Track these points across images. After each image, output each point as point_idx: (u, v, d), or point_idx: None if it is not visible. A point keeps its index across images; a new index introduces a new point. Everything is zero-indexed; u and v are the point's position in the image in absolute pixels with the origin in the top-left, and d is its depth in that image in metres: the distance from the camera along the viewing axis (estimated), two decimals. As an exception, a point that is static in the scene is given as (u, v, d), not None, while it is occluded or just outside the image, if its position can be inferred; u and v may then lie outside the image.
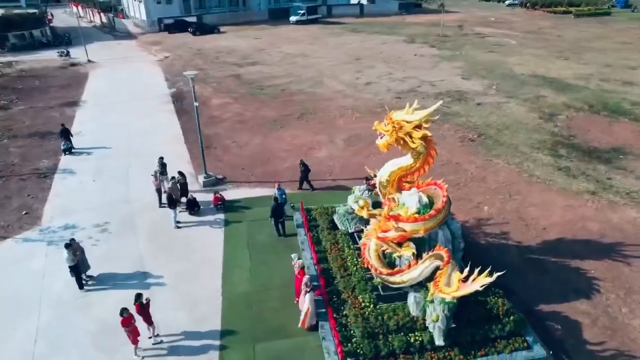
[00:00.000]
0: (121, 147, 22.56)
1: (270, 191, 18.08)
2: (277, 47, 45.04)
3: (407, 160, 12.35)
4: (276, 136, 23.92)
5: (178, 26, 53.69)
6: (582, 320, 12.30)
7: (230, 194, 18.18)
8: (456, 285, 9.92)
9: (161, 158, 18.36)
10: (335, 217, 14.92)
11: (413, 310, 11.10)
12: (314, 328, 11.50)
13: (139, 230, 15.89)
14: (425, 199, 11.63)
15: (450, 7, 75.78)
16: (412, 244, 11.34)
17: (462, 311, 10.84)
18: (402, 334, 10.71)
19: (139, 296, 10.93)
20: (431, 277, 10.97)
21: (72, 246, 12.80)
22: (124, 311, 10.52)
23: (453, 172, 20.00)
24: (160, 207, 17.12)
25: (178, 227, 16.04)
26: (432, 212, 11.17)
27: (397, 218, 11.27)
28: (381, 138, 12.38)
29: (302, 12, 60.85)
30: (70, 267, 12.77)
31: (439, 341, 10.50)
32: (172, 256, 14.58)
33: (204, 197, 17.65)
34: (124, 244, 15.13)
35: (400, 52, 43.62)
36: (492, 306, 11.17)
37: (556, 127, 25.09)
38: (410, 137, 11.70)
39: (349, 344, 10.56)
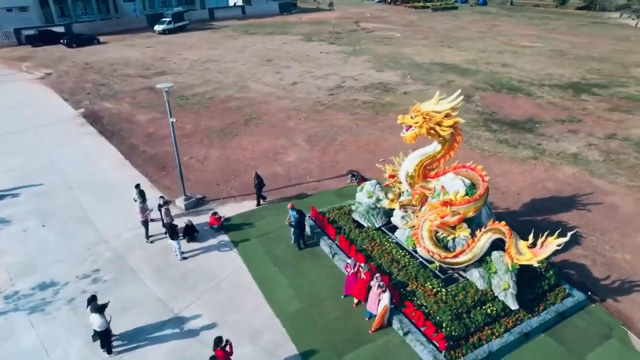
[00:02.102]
0: (55, 181, 18.92)
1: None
2: (176, 54, 41.95)
3: (434, 148, 12.98)
4: (234, 146, 22.60)
5: (44, 38, 46.05)
6: (585, 263, 14.55)
7: (220, 212, 16.74)
8: (528, 252, 10.95)
9: (138, 185, 16.01)
10: (356, 216, 14.92)
11: (480, 284, 11.88)
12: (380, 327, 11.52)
13: (140, 272, 13.72)
14: (467, 181, 12.46)
15: (324, 5, 79.37)
16: (465, 225, 12.08)
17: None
18: (479, 308, 11.40)
19: (219, 340, 9.60)
20: (489, 251, 11.90)
21: (105, 306, 10.57)
22: (219, 342, 9.28)
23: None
24: (147, 241, 14.98)
25: (184, 259, 14.28)
26: (480, 191, 12.03)
27: (451, 203, 11.87)
28: (407, 130, 12.80)
29: (167, 19, 53.33)
30: (99, 332, 10.51)
31: (514, 306, 11.46)
32: (197, 291, 12.98)
33: (189, 220, 15.92)
34: (131, 291, 12.93)
35: (305, 50, 44.40)
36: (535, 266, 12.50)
37: (478, 106, 28.55)
38: (440, 125, 12.35)
39: (439, 330, 10.85)
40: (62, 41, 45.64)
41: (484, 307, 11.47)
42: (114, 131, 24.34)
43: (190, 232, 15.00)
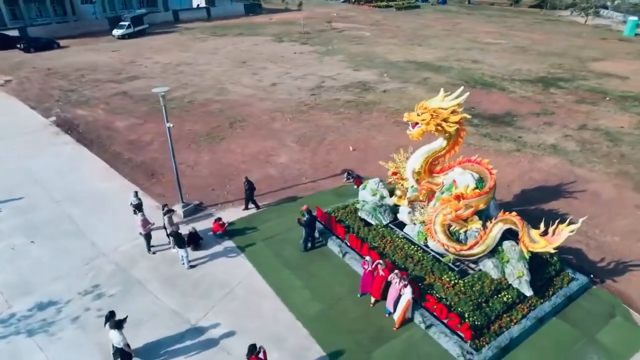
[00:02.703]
0: (37, 194, 17.88)
1: (259, 203, 17.26)
2: (146, 58, 40.58)
3: (439, 144, 13.25)
4: (223, 149, 22.16)
5: (-4, 42, 43.37)
6: (581, 247, 15.32)
7: (221, 217, 16.37)
8: (541, 240, 11.41)
9: (136, 193, 15.39)
10: (362, 214, 15.01)
11: (494, 274, 12.25)
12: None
13: (148, 284, 13.21)
14: (476, 175, 12.82)
15: (292, 6, 79.21)
16: (476, 217, 12.44)
17: (526, 263, 12.45)
18: (495, 296, 11.78)
19: (254, 348, 9.41)
20: (500, 241, 12.31)
21: (123, 322, 10.10)
22: (253, 349, 9.11)
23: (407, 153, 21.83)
24: (149, 252, 14.44)
25: (192, 267, 13.87)
26: (490, 184, 12.41)
27: (464, 196, 12.17)
28: (413, 128, 12.98)
29: (126, 23, 50.03)
30: (119, 349, 10.03)
31: (529, 292, 11.90)
32: (211, 299, 12.65)
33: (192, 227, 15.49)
34: (142, 305, 12.43)
35: (278, 51, 44.13)
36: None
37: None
38: (446, 122, 12.65)
39: (463, 321, 11.10)
40: (18, 46, 43.12)
41: (499, 295, 11.85)
42: (92, 139, 23.28)
43: (195, 240, 14.59)
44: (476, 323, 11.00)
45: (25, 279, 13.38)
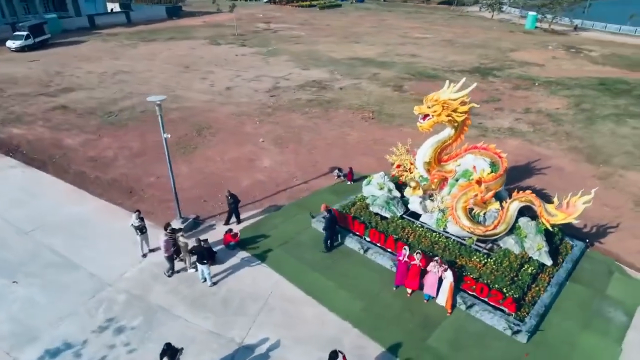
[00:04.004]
0: None
1: (258, 210, 16.90)
2: (75, 67, 36.84)
3: (448, 133, 13.93)
4: (201, 158, 21.00)
5: None
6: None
7: (224, 228, 15.57)
8: (559, 213, 12.49)
9: (138, 213, 14.01)
10: (375, 209, 15.23)
11: (516, 249, 13.17)
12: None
13: (173, 308, 12.17)
14: (487, 159, 13.63)
15: (211, 8, 76.91)
16: (494, 199, 13.26)
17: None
18: (522, 270, 12.67)
19: (335, 355, 9.16)
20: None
21: (179, 352, 9.23)
22: (335, 356, 8.88)
23: (384, 146, 22.49)
24: (169, 276, 13.31)
25: (214, 284, 13.05)
26: (503, 166, 13.28)
27: (484, 180, 12.91)
28: (423, 120, 13.51)
29: (24, 34, 42.57)
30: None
31: (549, 261, 12.97)
32: (248, 314, 12.01)
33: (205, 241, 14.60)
34: (174, 331, 11.41)
35: (219, 54, 42.71)
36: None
37: (411, 94, 30.74)
38: (455, 112, 13.32)
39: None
40: None
41: (523, 268, 12.77)
42: (44, 160, 20.73)
43: (212, 254, 13.73)
44: (514, 296, 11.75)
45: (24, 325, 11.62)
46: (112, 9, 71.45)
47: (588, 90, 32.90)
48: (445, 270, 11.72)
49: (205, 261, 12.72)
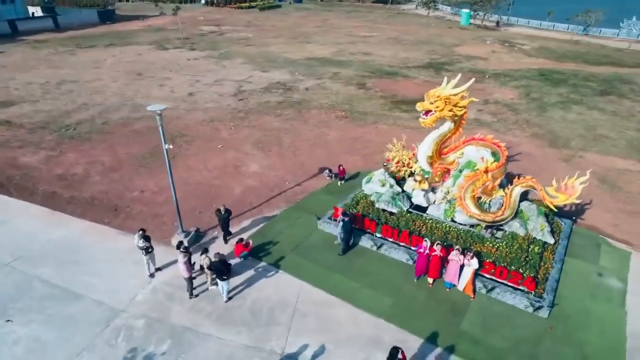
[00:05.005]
0: (-25, 263, 13.87)
1: (258, 216, 16.58)
2: (8, 78, 33.29)
3: (448, 127, 14.49)
4: (183, 168, 20.00)
5: None
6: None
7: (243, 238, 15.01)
8: (560, 194, 13.47)
9: (143, 232, 13.06)
10: (381, 205, 15.46)
11: (521, 231, 14.03)
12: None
13: (200, 327, 11.56)
14: (488, 149, 14.37)
15: (147, 11, 73.49)
16: (497, 186, 14.04)
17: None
18: (530, 250, 13.54)
19: (396, 351, 9.23)
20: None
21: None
22: (396, 353, 8.98)
23: (364, 143, 22.93)
24: (191, 297, 12.58)
25: (229, 299, 12.53)
26: (505, 155, 14.07)
27: (490, 169, 13.61)
28: (426, 115, 13.97)
29: None
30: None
31: (552, 240, 13.97)
32: (281, 323, 11.71)
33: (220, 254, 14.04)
34: (209, 351, 10.87)
35: (170, 59, 40.87)
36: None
37: (376, 92, 31.49)
38: (456, 106, 13.93)
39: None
40: None
41: (530, 249, 13.66)
42: (1, 182, 18.70)
43: (229, 268, 13.19)
44: (531, 275, 12.54)
45: (36, 365, 10.49)
46: (33, 13, 65.64)
47: (531, 80, 35.70)
48: (472, 257, 12.24)
49: (225, 277, 12.21)
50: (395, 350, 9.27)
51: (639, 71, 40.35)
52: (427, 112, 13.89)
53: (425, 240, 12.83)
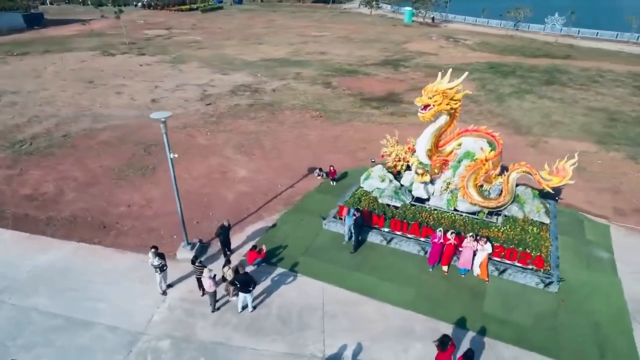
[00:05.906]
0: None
1: (259, 222, 16.28)
2: None
3: (444, 119, 15.05)
4: (166, 178, 18.80)
5: None
6: (526, 182, 19.56)
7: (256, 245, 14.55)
8: (554, 177, 14.45)
9: (155, 248, 12.25)
10: (384, 200, 15.73)
11: (520, 215, 14.90)
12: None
13: (231, 341, 11.10)
14: (485, 139, 15.08)
15: (79, 15, 68.90)
16: (497, 173, 14.82)
17: (528, 200, 15.58)
18: (532, 230, 14.43)
19: (448, 339, 9.45)
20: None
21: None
22: (448, 341, 9.24)
23: (345, 142, 23.18)
24: (213, 311, 12.00)
25: (254, 308, 12.18)
26: (500, 144, 14.85)
27: (490, 158, 14.32)
28: (425, 110, 14.44)
29: None
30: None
31: (548, 220, 14.96)
32: (314, 327, 11.56)
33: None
34: (247, 362, 10.52)
35: (121, 65, 38.58)
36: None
37: (344, 90, 31.85)
38: (452, 100, 14.53)
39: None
40: None
41: (531, 230, 14.56)
42: (-25, 209, 16.76)
43: (253, 280, 12.73)
44: (539, 254, 13.38)
45: (58, 405, 9.54)
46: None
47: (483, 73, 37.88)
48: (485, 242, 12.82)
49: (251, 288, 11.82)
50: (447, 338, 9.51)
51: (570, 62, 44.17)
52: (426, 106, 14.29)
53: (440, 230, 13.24)
